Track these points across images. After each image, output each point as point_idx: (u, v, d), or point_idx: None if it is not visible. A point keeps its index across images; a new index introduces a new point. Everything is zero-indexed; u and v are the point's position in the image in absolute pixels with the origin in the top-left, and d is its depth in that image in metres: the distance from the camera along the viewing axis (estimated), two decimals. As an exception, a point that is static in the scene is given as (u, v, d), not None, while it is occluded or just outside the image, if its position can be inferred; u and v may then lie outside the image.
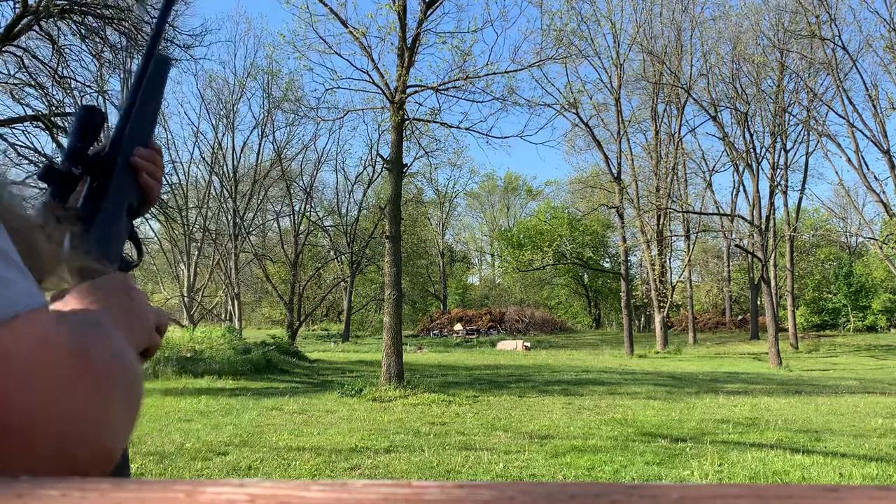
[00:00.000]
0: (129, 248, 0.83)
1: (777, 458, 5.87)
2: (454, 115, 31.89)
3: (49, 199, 0.69)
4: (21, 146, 11.33)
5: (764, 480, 5.05)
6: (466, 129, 12.83)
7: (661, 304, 27.81)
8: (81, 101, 12.26)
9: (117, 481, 0.30)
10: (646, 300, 35.67)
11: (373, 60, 11.82)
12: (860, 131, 22.52)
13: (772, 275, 26.38)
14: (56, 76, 11.00)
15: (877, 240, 24.49)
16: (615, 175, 27.08)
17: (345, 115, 15.16)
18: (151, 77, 0.89)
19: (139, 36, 11.25)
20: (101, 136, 0.78)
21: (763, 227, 24.02)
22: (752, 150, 24.98)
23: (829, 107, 24.14)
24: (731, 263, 41.84)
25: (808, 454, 6.02)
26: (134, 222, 0.82)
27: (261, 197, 28.66)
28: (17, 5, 10.14)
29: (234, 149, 27.59)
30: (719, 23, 27.31)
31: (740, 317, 39.62)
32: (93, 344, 0.46)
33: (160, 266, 29.19)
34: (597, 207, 32.67)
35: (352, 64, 12.72)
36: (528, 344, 26.59)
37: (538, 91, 27.96)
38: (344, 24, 11.65)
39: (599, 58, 27.09)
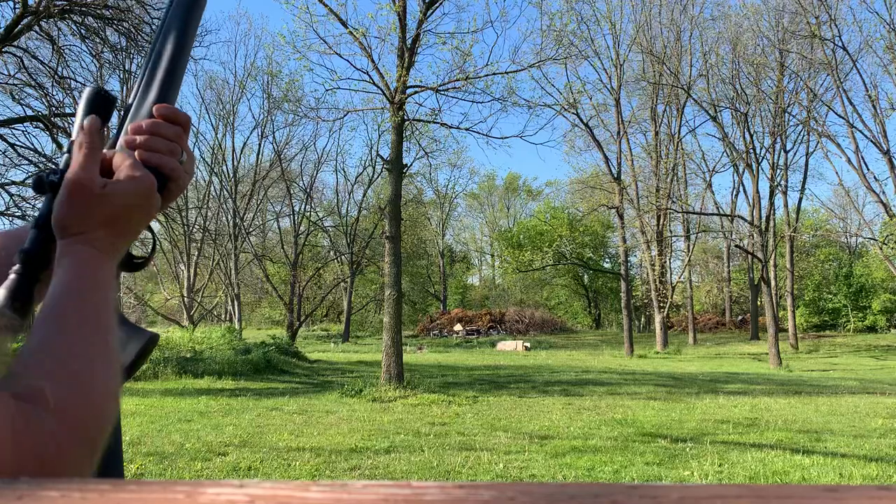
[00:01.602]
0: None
1: (777, 458, 5.87)
2: (454, 116, 32.02)
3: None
4: (21, 146, 11.35)
5: (764, 480, 5.05)
6: (466, 129, 12.83)
7: (661, 305, 27.81)
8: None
9: (117, 482, 0.30)
10: (646, 300, 35.66)
11: (373, 61, 11.82)
12: (860, 131, 22.54)
13: (772, 275, 26.38)
14: (56, 76, 11.01)
15: (877, 240, 24.48)
16: (615, 175, 27.08)
17: (345, 116, 15.19)
18: (169, 23, 0.69)
19: (139, 36, 11.27)
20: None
21: (763, 227, 24.01)
22: (751, 151, 24.97)
23: (829, 107, 24.15)
24: (731, 264, 41.84)
25: (808, 454, 6.02)
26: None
27: (261, 197, 28.72)
28: (17, 5, 10.14)
29: (234, 149, 27.66)
30: (719, 23, 27.35)
31: (740, 317, 39.61)
32: (30, 420, 0.45)
33: (160, 266, 29.19)
34: (597, 208, 32.65)
35: (352, 64, 12.71)
36: (527, 344, 26.58)
37: (538, 91, 27.95)
38: (344, 24, 11.66)
39: (599, 58, 27.16)
